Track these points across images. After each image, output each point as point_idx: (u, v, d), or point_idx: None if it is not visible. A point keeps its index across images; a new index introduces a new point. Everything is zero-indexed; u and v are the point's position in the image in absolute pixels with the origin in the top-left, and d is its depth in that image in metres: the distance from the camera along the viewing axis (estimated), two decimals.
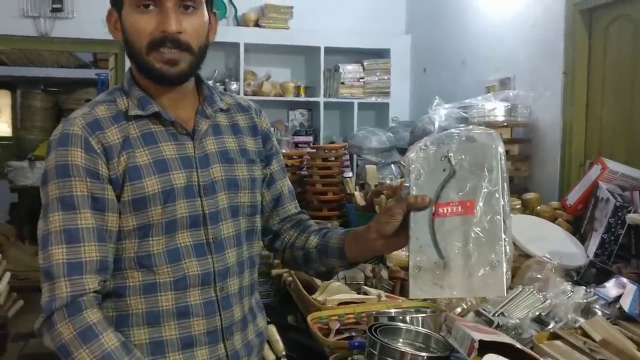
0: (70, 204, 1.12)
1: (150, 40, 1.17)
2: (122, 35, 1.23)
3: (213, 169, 1.27)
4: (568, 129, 2.86)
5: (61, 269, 1.09)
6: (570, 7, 2.82)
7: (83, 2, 4.34)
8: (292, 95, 4.66)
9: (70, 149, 1.13)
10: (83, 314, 1.09)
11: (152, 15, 1.17)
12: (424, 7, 4.55)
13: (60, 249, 1.10)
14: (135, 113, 1.21)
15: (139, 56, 1.19)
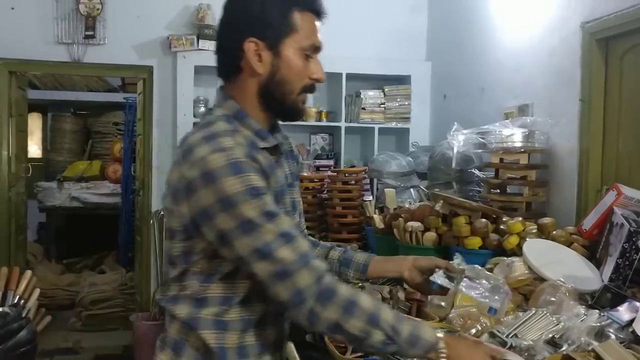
0: (272, 214, 1.21)
1: (305, 84, 1.34)
2: (270, 69, 1.31)
3: (295, 190, 1.45)
4: (585, 156, 2.89)
5: (297, 264, 1.20)
6: (586, 36, 2.88)
7: (114, 29, 4.51)
8: (314, 120, 4.75)
9: (246, 175, 1.20)
10: (336, 294, 1.21)
11: (309, 63, 1.34)
12: (444, 35, 4.64)
13: (284, 249, 1.20)
14: (263, 145, 1.31)
15: (288, 95, 1.33)
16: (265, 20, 1.29)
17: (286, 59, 1.30)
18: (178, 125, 4.55)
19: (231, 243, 1.20)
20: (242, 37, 1.30)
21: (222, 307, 1.29)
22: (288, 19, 1.30)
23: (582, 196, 2.90)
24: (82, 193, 7.01)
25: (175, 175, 1.26)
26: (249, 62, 1.30)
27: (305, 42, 1.32)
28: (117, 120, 7.53)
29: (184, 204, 1.23)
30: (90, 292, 5.35)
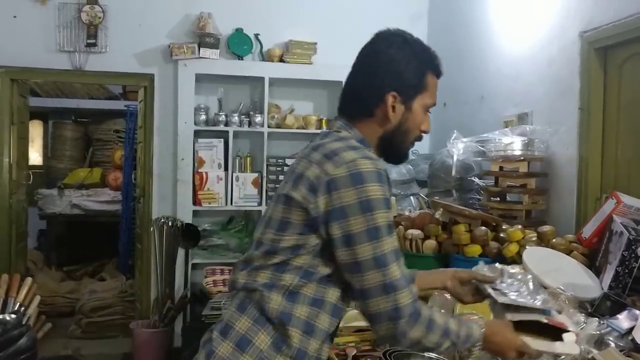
0: (391, 229, 1.35)
1: (417, 135, 1.53)
2: (399, 120, 1.48)
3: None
4: (584, 164, 2.90)
5: (402, 282, 1.33)
6: (585, 45, 2.90)
7: (115, 37, 4.53)
8: (315, 127, 4.77)
9: (384, 186, 1.35)
10: (421, 315, 1.35)
11: (426, 117, 1.53)
12: (444, 43, 4.64)
13: (396, 265, 1.33)
14: (392, 178, 1.51)
15: (404, 142, 1.52)
16: (406, 78, 1.47)
17: (414, 113, 1.49)
18: (179, 133, 4.57)
19: (354, 244, 1.31)
20: (385, 90, 1.47)
21: (313, 308, 1.38)
22: (422, 79, 1.50)
23: (581, 204, 2.91)
24: (83, 200, 7.01)
25: (314, 171, 1.35)
26: (385, 111, 1.47)
27: (430, 100, 1.53)
28: (118, 128, 7.54)
29: (321, 198, 1.33)
30: (90, 299, 5.34)
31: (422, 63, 1.50)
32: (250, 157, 4.77)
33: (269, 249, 1.40)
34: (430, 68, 1.51)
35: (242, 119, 4.68)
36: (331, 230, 1.33)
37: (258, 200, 4.70)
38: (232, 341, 1.37)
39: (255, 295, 1.39)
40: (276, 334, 1.37)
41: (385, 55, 1.48)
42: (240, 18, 4.70)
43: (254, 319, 1.38)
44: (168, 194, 4.66)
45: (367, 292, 1.32)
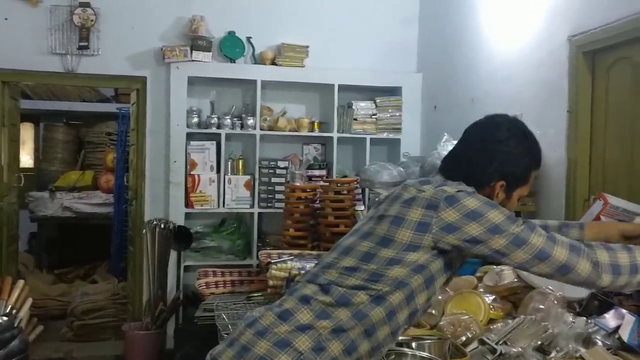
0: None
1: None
2: (501, 201, 1.63)
3: None
4: (572, 165, 2.95)
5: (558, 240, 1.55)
6: (573, 49, 2.94)
7: (108, 40, 4.54)
8: (307, 130, 4.80)
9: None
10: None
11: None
12: (435, 47, 4.70)
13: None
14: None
15: None
16: (517, 172, 1.65)
17: (512, 201, 1.67)
18: (171, 136, 4.58)
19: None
20: (496, 176, 1.62)
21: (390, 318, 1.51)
22: (528, 175, 1.68)
23: (570, 205, 2.96)
24: (74, 203, 7.00)
25: (452, 214, 1.50)
26: (490, 193, 1.62)
27: (525, 192, 1.70)
28: (110, 130, 7.53)
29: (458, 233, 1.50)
30: (82, 302, 5.34)
31: (532, 160, 1.68)
32: (242, 160, 4.79)
33: (363, 256, 1.53)
34: (536, 166, 1.69)
35: (235, 121, 4.70)
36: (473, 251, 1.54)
37: (250, 203, 4.72)
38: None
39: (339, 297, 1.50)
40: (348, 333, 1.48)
41: (506, 146, 1.62)
42: (233, 21, 4.72)
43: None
44: (160, 196, 4.67)
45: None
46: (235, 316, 2.93)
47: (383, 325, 1.49)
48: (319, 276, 1.54)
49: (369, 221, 1.60)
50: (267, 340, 1.44)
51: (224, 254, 4.74)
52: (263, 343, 1.44)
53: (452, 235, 1.49)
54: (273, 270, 3.06)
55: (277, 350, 1.42)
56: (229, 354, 1.47)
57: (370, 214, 1.66)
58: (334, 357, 1.45)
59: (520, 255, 1.51)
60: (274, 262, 3.18)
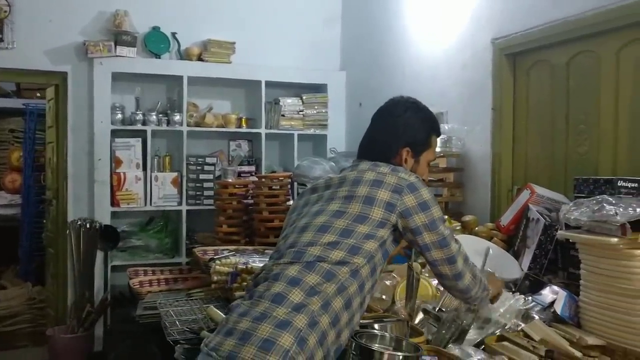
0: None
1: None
2: (411, 168, 1.91)
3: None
4: (497, 159, 3.20)
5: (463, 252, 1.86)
6: (496, 51, 3.19)
7: (24, 33, 4.33)
8: (235, 126, 4.82)
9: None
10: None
11: (427, 168, 2.01)
12: (358, 46, 4.87)
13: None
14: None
15: None
16: (417, 138, 1.93)
17: (421, 165, 1.96)
18: (95, 133, 4.45)
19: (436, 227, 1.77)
20: (401, 145, 1.91)
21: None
22: (428, 139, 1.96)
23: (495, 196, 3.21)
24: None
25: (411, 200, 1.75)
26: (400, 161, 1.90)
27: (432, 156, 2.00)
28: (14, 127, 7.11)
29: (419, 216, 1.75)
30: None
31: (429, 126, 1.96)
32: (169, 157, 4.74)
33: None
34: (434, 131, 1.98)
35: (160, 117, 4.64)
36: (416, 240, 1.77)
37: (178, 200, 4.68)
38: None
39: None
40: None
41: (403, 118, 1.92)
42: (157, 16, 4.65)
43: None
44: (84, 195, 4.53)
45: (445, 262, 1.82)
46: (181, 312, 2.95)
47: (356, 297, 1.68)
48: (303, 254, 1.68)
49: (331, 202, 1.80)
50: (268, 324, 1.53)
51: (152, 253, 4.67)
52: (264, 326, 1.52)
53: (406, 219, 1.74)
54: (217, 266, 3.10)
55: (279, 330, 1.51)
56: (230, 343, 1.52)
57: (324, 196, 1.85)
58: (324, 330, 1.58)
59: (439, 254, 1.79)
60: (217, 258, 3.22)
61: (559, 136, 2.90)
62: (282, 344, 1.49)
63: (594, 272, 2.07)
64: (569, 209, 2.14)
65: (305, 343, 1.52)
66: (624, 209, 1.95)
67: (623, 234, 1.93)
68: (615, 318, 1.97)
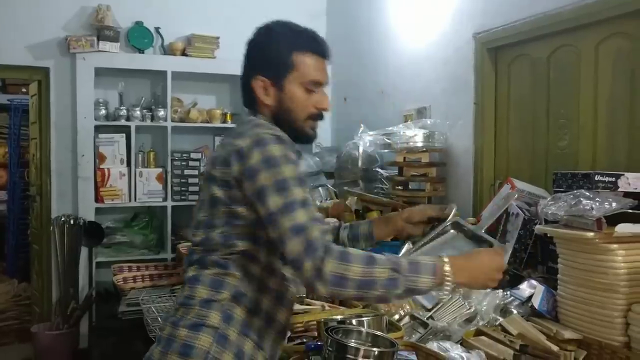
0: (302, 181, 1.43)
1: (309, 113, 1.58)
2: (276, 101, 1.56)
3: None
4: (479, 153, 3.20)
5: (310, 223, 1.37)
6: (478, 46, 3.19)
7: (4, 29, 4.31)
8: (219, 121, 4.80)
9: (289, 150, 1.44)
10: (333, 249, 1.36)
11: (312, 95, 1.57)
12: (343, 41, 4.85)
13: (304, 212, 1.38)
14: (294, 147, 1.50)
15: (294, 121, 1.57)
16: (269, 61, 1.56)
17: (289, 93, 1.56)
18: (78, 129, 4.43)
19: (265, 197, 1.40)
20: (252, 75, 1.57)
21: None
22: (288, 60, 1.55)
23: (477, 190, 3.21)
24: None
25: (227, 150, 1.46)
26: (258, 95, 1.57)
27: (305, 78, 1.55)
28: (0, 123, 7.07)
29: (235, 166, 1.44)
30: None
31: (287, 44, 1.54)
32: (153, 152, 4.72)
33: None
34: (297, 47, 1.55)
35: (144, 113, 4.61)
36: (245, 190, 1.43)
37: (163, 196, 4.67)
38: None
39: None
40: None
41: (250, 44, 1.59)
42: (140, 11, 4.62)
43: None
44: (68, 191, 4.51)
45: (282, 240, 1.37)
46: (164, 309, 2.94)
47: (269, 278, 1.54)
48: (193, 253, 1.57)
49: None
50: (184, 327, 1.49)
51: (136, 249, 4.66)
52: (181, 331, 1.48)
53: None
54: None
55: (195, 333, 1.47)
56: (157, 350, 1.50)
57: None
58: (244, 320, 1.50)
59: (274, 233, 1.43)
60: None
61: (540, 130, 2.90)
62: (201, 346, 1.46)
63: (571, 266, 2.08)
64: (546, 204, 2.15)
65: (226, 339, 1.48)
66: (600, 204, 1.96)
67: (599, 229, 1.94)
68: (591, 312, 1.98)
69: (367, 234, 1.82)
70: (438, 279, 1.39)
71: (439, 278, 1.39)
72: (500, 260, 1.51)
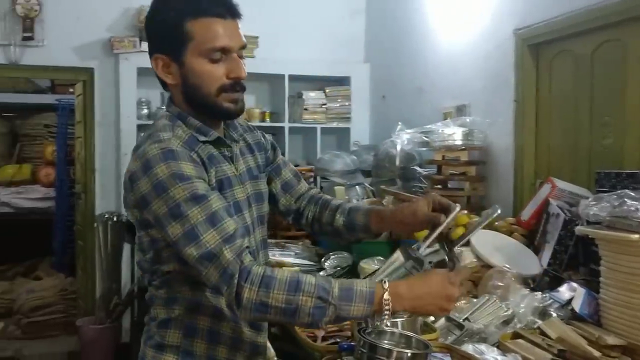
0: (201, 196, 1.28)
1: (221, 85, 1.37)
2: (180, 79, 1.38)
3: (246, 185, 1.48)
4: (520, 152, 3.13)
5: (220, 245, 1.25)
6: (519, 42, 3.12)
7: (53, 30, 4.43)
8: (258, 120, 4.83)
9: (180, 162, 1.29)
10: (252, 272, 1.24)
11: (220, 64, 1.36)
12: (382, 38, 4.83)
13: (210, 233, 1.26)
14: (203, 139, 1.39)
15: (206, 98, 1.37)
16: (163, 36, 1.38)
17: (190, 67, 1.36)
18: (121, 128, 4.52)
19: (163, 226, 1.29)
20: (151, 54, 1.41)
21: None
22: (181, 30, 1.34)
23: (517, 189, 3.14)
24: (13, 198, 6.74)
25: (127, 171, 1.36)
26: (160, 76, 1.41)
27: (204, 47, 1.34)
28: (48, 122, 7.28)
29: (129, 194, 1.34)
30: (29, 298, 5.21)
31: (179, 12, 1.35)
32: None
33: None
34: (190, 14, 1.34)
35: None
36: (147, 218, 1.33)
37: None
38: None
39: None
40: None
41: (145, 20, 1.44)
42: None
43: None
44: (111, 189, 4.62)
45: (197, 268, 1.28)
46: None
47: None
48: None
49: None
50: (150, 348, 1.44)
51: None
52: (148, 351, 1.45)
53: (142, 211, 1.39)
54: None
55: (159, 353, 1.42)
56: None
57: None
58: (210, 328, 1.41)
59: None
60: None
61: (582, 128, 2.82)
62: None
63: (614, 269, 2.01)
64: (588, 204, 2.08)
65: (193, 354, 1.41)
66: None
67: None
68: (636, 317, 1.91)
69: (363, 226, 1.57)
70: (375, 306, 1.28)
71: (376, 306, 1.28)
72: (451, 290, 1.33)
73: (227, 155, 1.46)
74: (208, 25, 1.34)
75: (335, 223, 1.62)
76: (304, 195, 1.70)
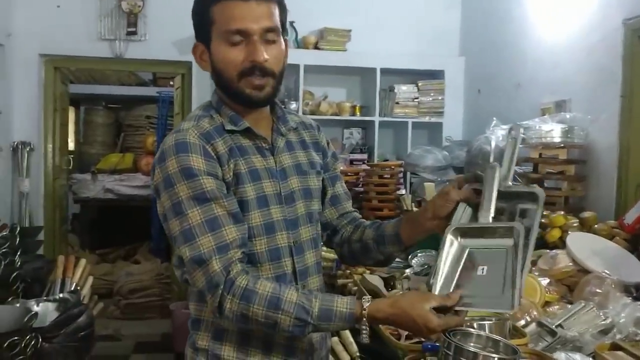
0: (205, 198, 1.29)
1: (241, 70, 1.34)
2: (211, 65, 1.39)
3: (291, 180, 1.46)
4: (625, 151, 2.94)
5: (211, 253, 1.27)
6: (628, 33, 2.92)
7: (155, 25, 4.63)
8: (348, 114, 4.83)
9: (190, 155, 1.30)
10: (234, 285, 1.26)
11: (241, 48, 1.34)
12: (478, 31, 4.69)
13: (204, 238, 1.27)
14: (230, 128, 1.39)
15: (229, 84, 1.37)
16: (195, 25, 1.40)
17: (214, 52, 1.36)
18: None
19: (165, 221, 1.32)
20: (194, 44, 1.43)
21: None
22: (207, 16, 1.35)
23: (621, 191, 2.95)
24: (116, 185, 7.15)
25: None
26: (198, 64, 1.43)
27: (222, 29, 1.33)
28: (149, 114, 7.65)
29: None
30: (128, 281, 5.50)
31: (203, 2, 1.37)
32: None
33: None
34: (211, 1, 1.35)
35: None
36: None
37: None
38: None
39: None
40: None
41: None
42: None
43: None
44: None
45: (187, 268, 1.30)
46: None
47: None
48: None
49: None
50: (189, 347, 1.45)
51: None
52: (187, 350, 1.45)
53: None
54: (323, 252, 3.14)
55: (194, 355, 1.42)
56: None
57: None
58: (238, 332, 1.38)
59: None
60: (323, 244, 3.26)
61: None
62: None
63: None
64: None
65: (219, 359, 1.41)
66: None
67: None
68: None
69: (394, 236, 1.51)
70: (354, 324, 1.30)
71: (355, 324, 1.29)
72: (432, 323, 1.32)
73: (264, 147, 1.43)
74: (226, 8, 1.33)
75: (364, 237, 1.55)
76: (347, 214, 1.63)
